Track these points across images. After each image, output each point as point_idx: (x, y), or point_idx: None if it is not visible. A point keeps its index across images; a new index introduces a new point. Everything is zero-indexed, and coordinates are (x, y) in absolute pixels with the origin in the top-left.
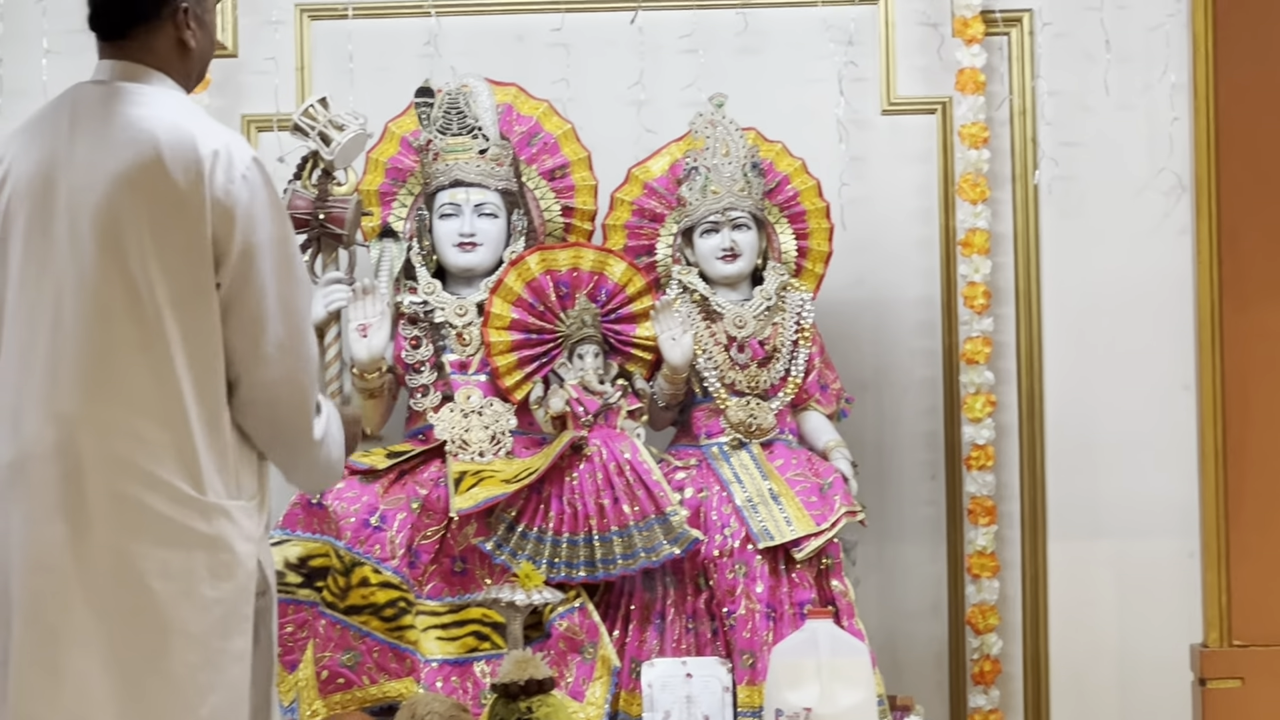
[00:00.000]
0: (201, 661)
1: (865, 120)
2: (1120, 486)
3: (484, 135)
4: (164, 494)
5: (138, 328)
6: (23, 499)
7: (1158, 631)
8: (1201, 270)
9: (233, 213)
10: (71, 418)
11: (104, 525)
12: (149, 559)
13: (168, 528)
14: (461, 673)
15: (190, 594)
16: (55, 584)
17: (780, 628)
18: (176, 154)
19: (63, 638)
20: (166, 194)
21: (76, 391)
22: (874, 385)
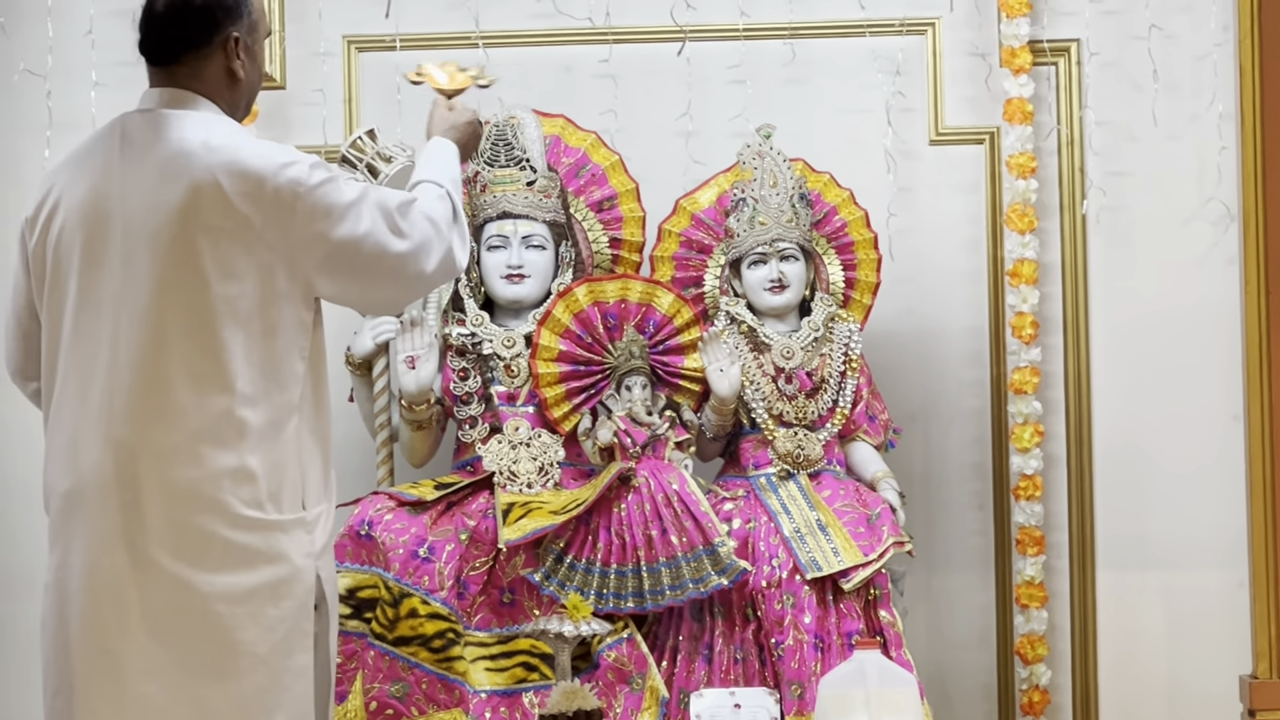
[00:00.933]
0: (269, 682)
1: (913, 150)
2: (1169, 517)
3: (531, 167)
4: (224, 518)
5: (196, 351)
6: (82, 528)
7: (1207, 663)
8: (1249, 300)
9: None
10: (130, 445)
11: (165, 552)
12: (212, 584)
13: (229, 551)
14: (510, 704)
15: (255, 616)
16: (116, 610)
17: (828, 658)
18: (235, 179)
19: (125, 665)
20: (224, 217)
21: (134, 419)
22: (922, 416)
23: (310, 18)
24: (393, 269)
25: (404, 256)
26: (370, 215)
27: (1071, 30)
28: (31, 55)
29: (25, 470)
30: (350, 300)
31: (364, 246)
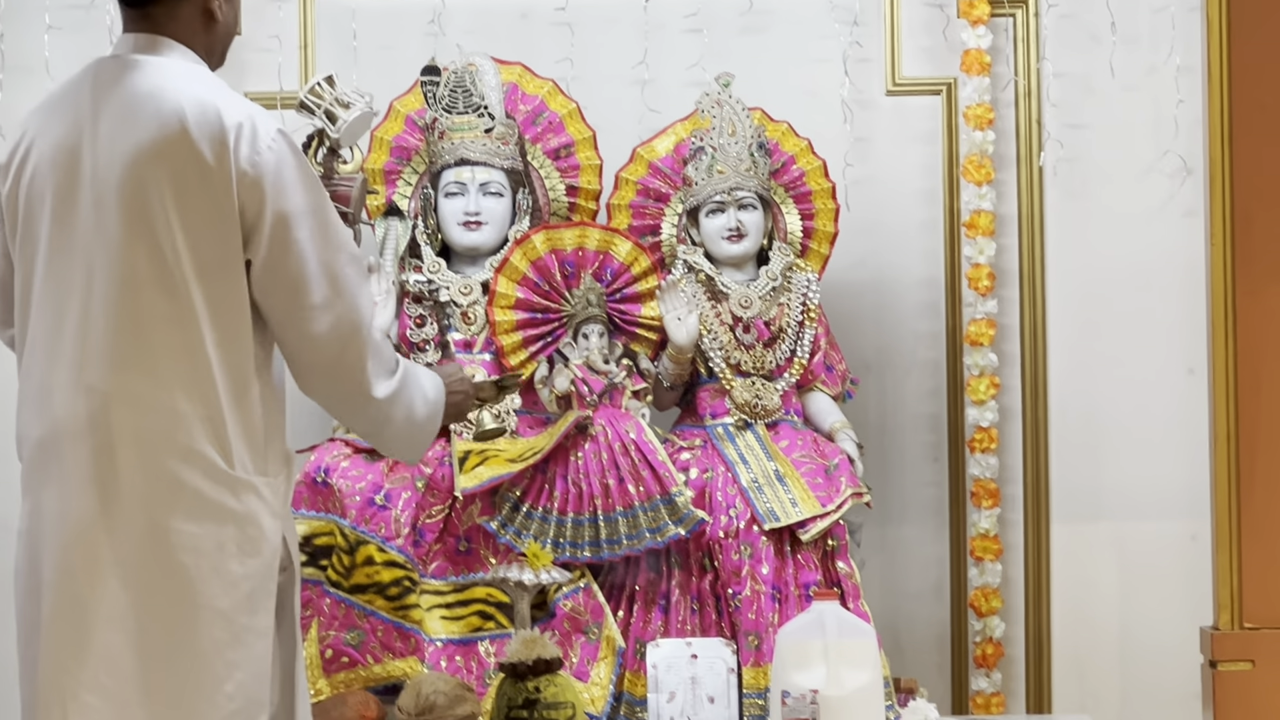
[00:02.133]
0: (228, 638)
1: (870, 101)
2: (1123, 470)
3: (489, 114)
4: (197, 468)
5: (166, 300)
6: (55, 475)
7: (1159, 615)
8: (1215, 253)
9: (261, 184)
10: (103, 392)
11: (136, 500)
12: (180, 534)
13: (199, 503)
14: (466, 652)
15: (219, 570)
16: (86, 559)
17: (786, 609)
18: (201, 126)
19: (92, 612)
20: (192, 166)
21: (107, 365)
22: (877, 367)
23: None
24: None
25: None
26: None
27: None
28: None
29: None
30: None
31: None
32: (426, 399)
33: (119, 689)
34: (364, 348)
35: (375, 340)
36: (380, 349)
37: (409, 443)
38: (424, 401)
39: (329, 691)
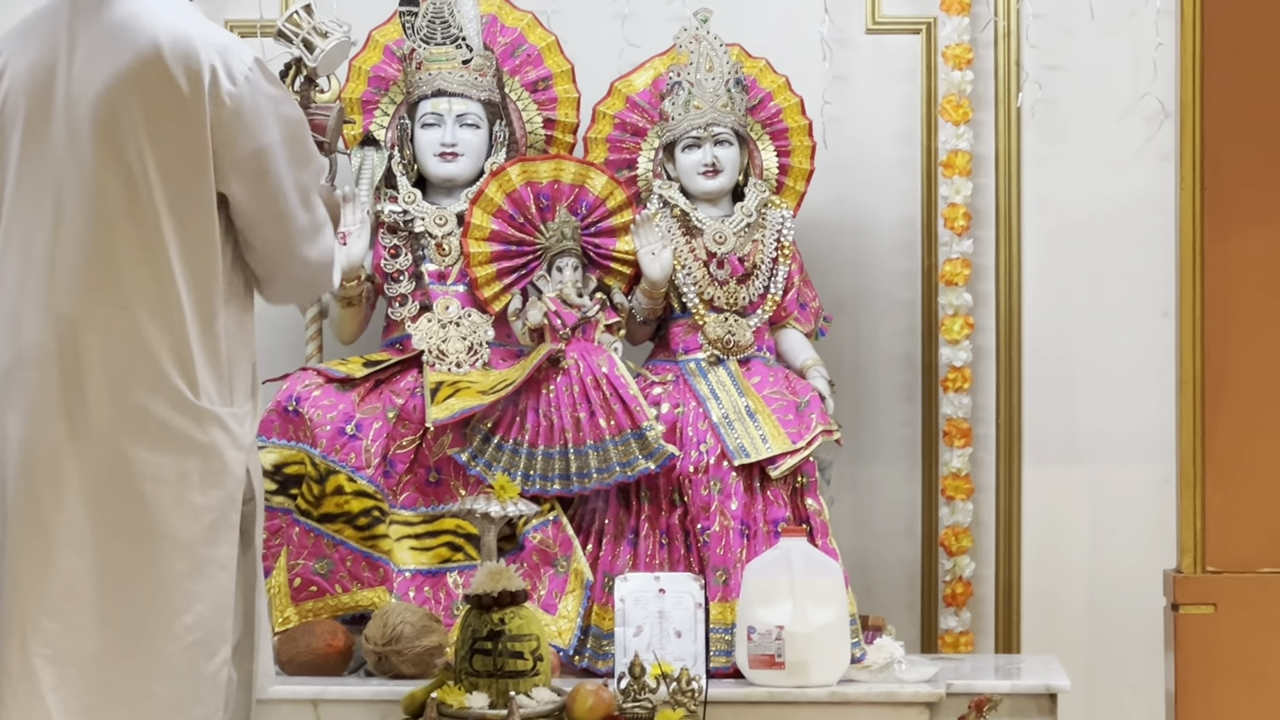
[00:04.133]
0: (189, 569)
1: (849, 39)
2: (1097, 411)
3: (468, 45)
4: (164, 397)
5: (137, 228)
6: (21, 400)
7: (1130, 557)
8: (1184, 196)
9: (238, 116)
10: (72, 318)
11: (103, 427)
12: (144, 463)
13: (164, 432)
14: (434, 583)
15: (181, 501)
16: (51, 484)
17: (754, 545)
18: (177, 55)
19: (55, 538)
20: (166, 95)
21: (77, 292)
22: (852, 305)
23: None
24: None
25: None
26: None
27: None
28: None
29: None
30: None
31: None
32: None
33: (77, 615)
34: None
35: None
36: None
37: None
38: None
39: (297, 620)
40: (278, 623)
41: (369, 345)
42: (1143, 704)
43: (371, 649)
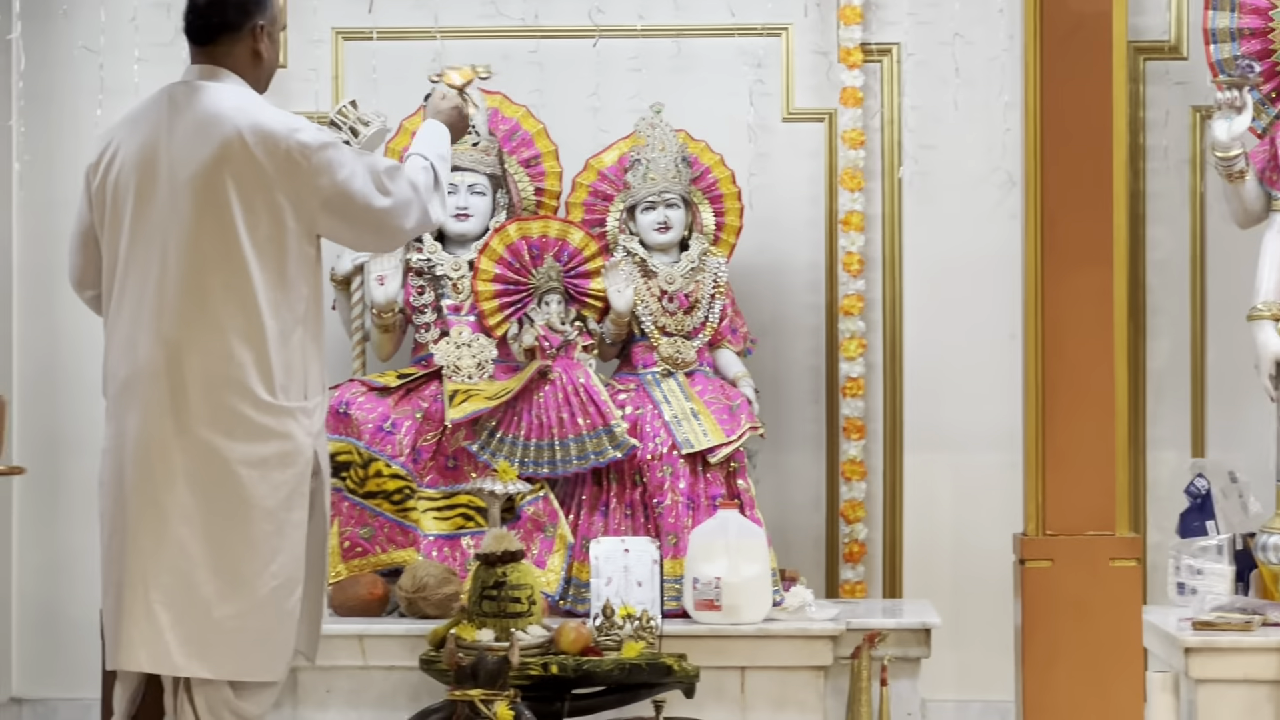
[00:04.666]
0: (273, 529)
1: (770, 126)
2: (959, 411)
3: (476, 131)
4: (248, 400)
5: (227, 270)
6: (136, 406)
7: (985, 524)
8: (1028, 246)
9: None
10: (177, 342)
11: (202, 424)
12: (234, 450)
13: (250, 426)
14: (452, 545)
15: (266, 478)
16: (163, 469)
17: (698, 515)
18: (256, 134)
19: (167, 511)
20: (250, 170)
21: (180, 322)
22: (772, 330)
23: (307, 13)
24: (377, 220)
25: (386, 211)
26: (362, 176)
27: (894, 35)
28: (87, 35)
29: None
30: (345, 241)
31: (355, 199)
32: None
33: (187, 569)
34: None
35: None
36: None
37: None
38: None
39: (346, 574)
40: (331, 576)
41: (401, 362)
42: (996, 637)
43: (403, 596)
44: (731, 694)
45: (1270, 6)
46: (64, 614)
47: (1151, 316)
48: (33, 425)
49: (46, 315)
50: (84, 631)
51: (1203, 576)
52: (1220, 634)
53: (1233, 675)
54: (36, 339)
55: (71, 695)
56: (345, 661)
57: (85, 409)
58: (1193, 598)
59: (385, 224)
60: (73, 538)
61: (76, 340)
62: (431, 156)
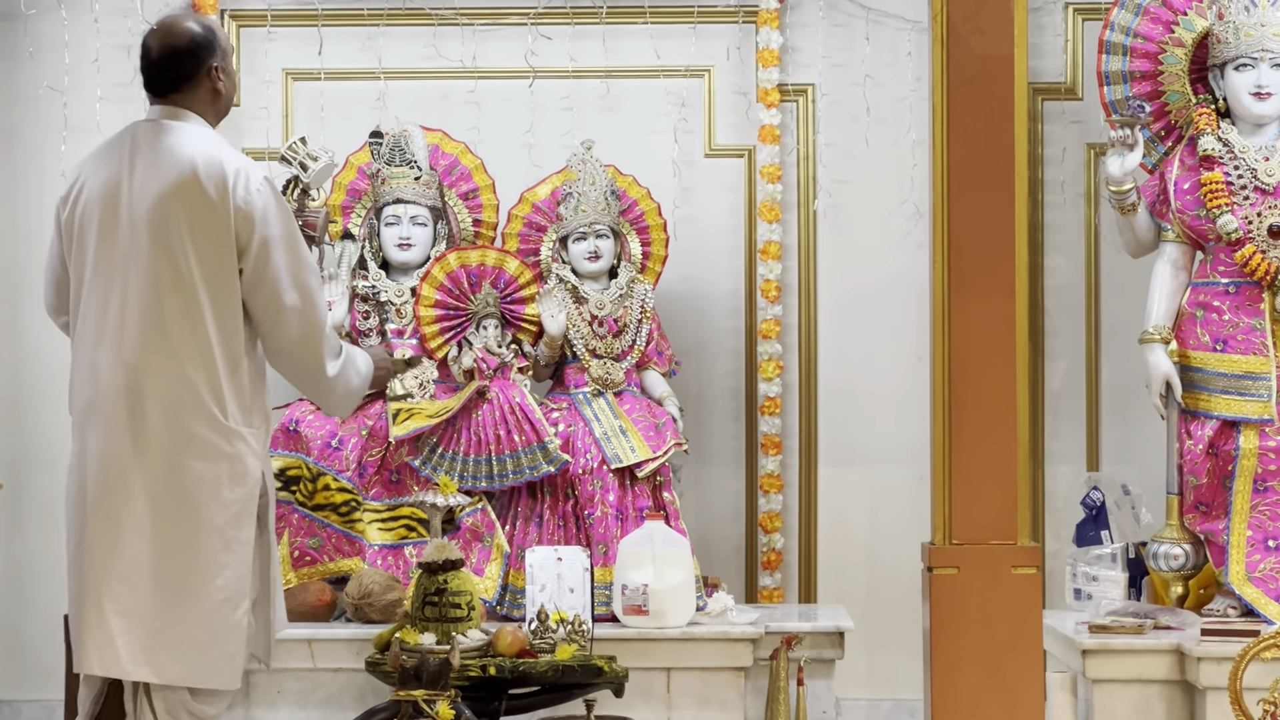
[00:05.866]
0: (220, 545)
1: (693, 161)
2: (871, 429)
3: (418, 166)
4: (202, 421)
5: (181, 299)
6: (98, 426)
7: (894, 534)
8: (935, 274)
9: (251, 216)
10: (136, 366)
11: (159, 444)
12: (189, 469)
13: (203, 446)
14: (396, 554)
15: (216, 496)
16: (120, 485)
17: (626, 526)
18: (209, 173)
19: (123, 524)
20: (201, 202)
21: (139, 346)
22: (695, 353)
23: (258, 55)
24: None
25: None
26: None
27: (809, 77)
28: (51, 76)
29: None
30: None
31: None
32: (359, 373)
33: (139, 580)
34: (320, 340)
35: (328, 333)
36: (330, 339)
37: (345, 404)
38: (357, 375)
39: (296, 581)
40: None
41: None
42: (901, 638)
43: (350, 602)
44: (658, 693)
45: (1159, 51)
46: (29, 620)
47: (1050, 339)
48: (0, 442)
49: (13, 339)
50: (48, 636)
51: (1098, 583)
52: (1115, 637)
53: (1126, 675)
54: (3, 361)
55: (36, 697)
56: (295, 664)
57: (50, 427)
58: (1089, 603)
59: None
60: (38, 548)
61: (42, 362)
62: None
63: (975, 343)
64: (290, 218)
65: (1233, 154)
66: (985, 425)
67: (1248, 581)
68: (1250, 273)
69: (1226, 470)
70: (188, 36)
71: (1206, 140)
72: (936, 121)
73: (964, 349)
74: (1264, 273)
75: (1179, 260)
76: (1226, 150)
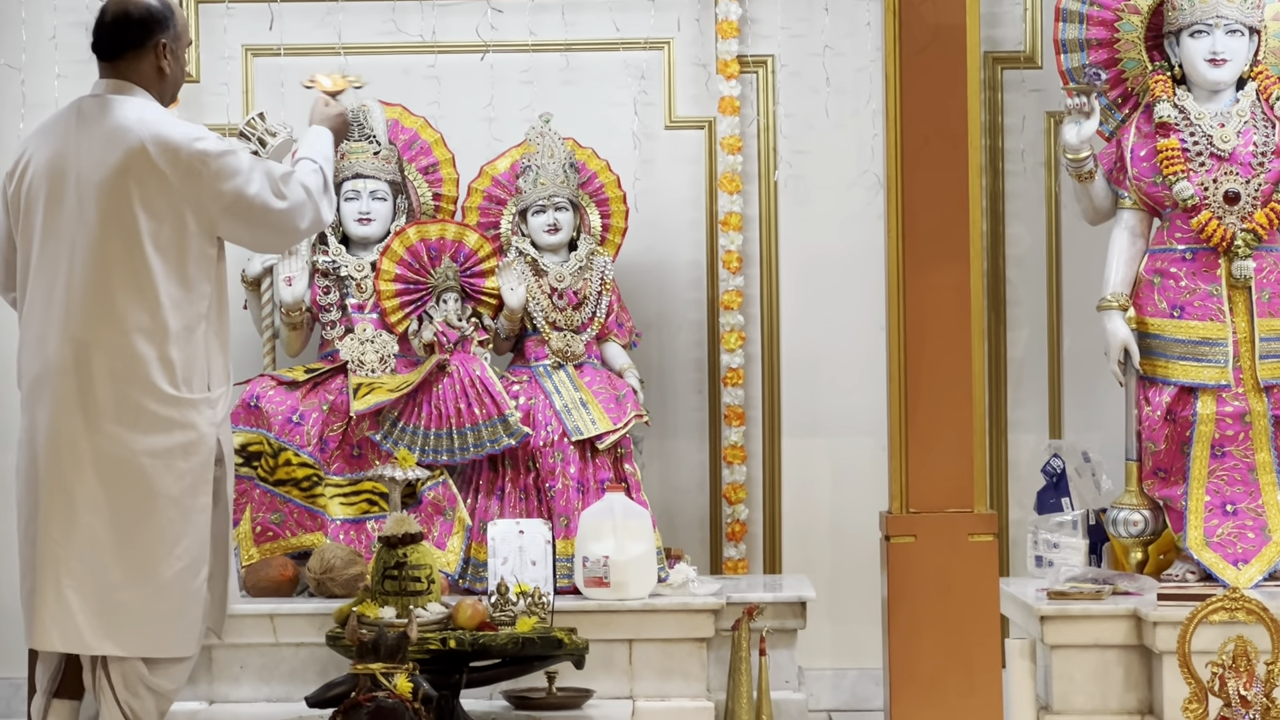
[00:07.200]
0: (178, 515)
1: (653, 133)
2: (833, 398)
3: (377, 141)
4: (152, 394)
5: (130, 272)
6: (47, 401)
7: (857, 504)
8: (891, 244)
9: (215, 180)
10: (84, 340)
11: (109, 418)
12: (140, 443)
13: (154, 419)
14: (357, 529)
15: (170, 467)
16: (72, 461)
17: (587, 498)
18: (159, 148)
19: (77, 500)
20: (153, 179)
21: (87, 321)
22: (657, 324)
23: (218, 32)
24: (274, 222)
25: (282, 213)
26: (259, 181)
27: (768, 48)
28: (9, 53)
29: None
30: (243, 242)
31: (254, 203)
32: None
33: (96, 556)
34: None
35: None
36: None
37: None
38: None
39: (259, 556)
40: (244, 559)
41: (309, 357)
42: (866, 608)
43: (312, 577)
44: (620, 665)
45: (1115, 19)
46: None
47: (1011, 308)
48: None
49: None
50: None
51: (1059, 550)
52: (1073, 603)
53: (1084, 641)
54: None
55: (1, 675)
56: (257, 639)
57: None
58: (1049, 570)
59: (282, 225)
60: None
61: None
62: (319, 159)
63: (931, 311)
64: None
65: (1189, 120)
66: (941, 393)
67: (1206, 546)
68: (1206, 239)
69: (1184, 436)
70: (144, 7)
71: (1162, 107)
72: (890, 90)
73: (919, 318)
74: (1220, 239)
75: (1136, 227)
76: (1182, 117)
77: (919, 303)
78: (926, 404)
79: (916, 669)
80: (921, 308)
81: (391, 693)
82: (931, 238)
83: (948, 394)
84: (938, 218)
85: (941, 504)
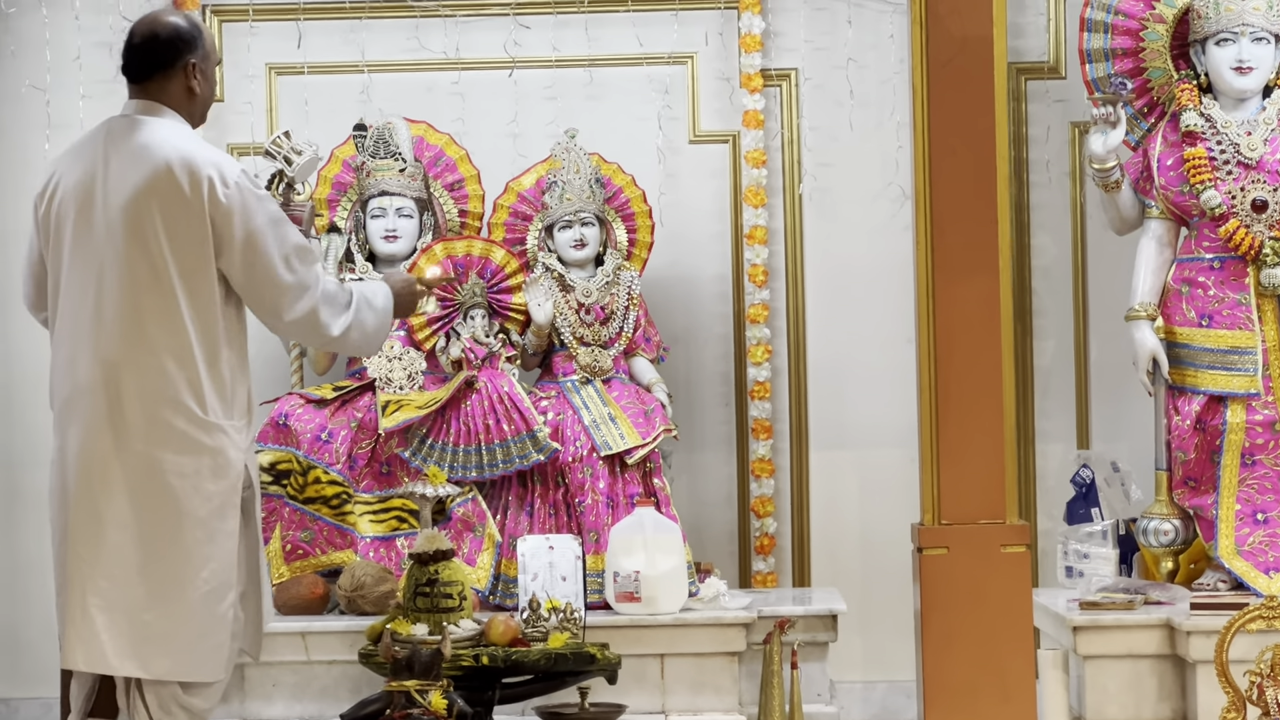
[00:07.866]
0: (204, 537)
1: (678, 148)
2: (861, 412)
3: (403, 158)
4: (181, 415)
5: (157, 294)
6: (78, 421)
7: (886, 515)
8: (919, 256)
9: (231, 213)
10: (114, 361)
11: (139, 438)
12: (169, 463)
13: (183, 440)
14: (387, 546)
15: (198, 489)
16: (102, 481)
17: (616, 513)
18: (184, 170)
19: (105, 519)
20: (177, 199)
21: (116, 341)
22: (684, 338)
23: (241, 50)
24: (273, 286)
25: (283, 284)
26: (275, 241)
27: (792, 61)
28: (34, 74)
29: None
30: (236, 286)
31: (262, 253)
32: (376, 313)
33: (123, 575)
34: (320, 310)
35: (330, 295)
36: (333, 301)
37: (369, 345)
38: (374, 316)
39: (289, 575)
40: (274, 577)
41: (336, 375)
42: (895, 620)
43: (343, 595)
44: (652, 680)
45: (1140, 28)
46: (26, 618)
47: (1037, 319)
48: None
49: (3, 336)
50: (45, 634)
51: (1089, 560)
52: (1105, 613)
53: (1117, 651)
54: None
55: (33, 695)
56: (289, 657)
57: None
58: (1080, 580)
59: (277, 295)
60: (34, 545)
61: (28, 359)
62: (363, 292)
63: (960, 323)
64: (269, 202)
65: (1215, 129)
66: (971, 405)
67: (1237, 555)
68: (1234, 248)
69: (1214, 445)
70: (171, 28)
71: (1189, 116)
72: (917, 103)
73: (949, 330)
74: (1248, 247)
75: (1164, 237)
76: (1209, 125)
77: (949, 315)
78: (957, 416)
79: (950, 681)
80: (951, 320)
81: (426, 710)
82: (960, 250)
83: (978, 405)
84: (966, 230)
85: (974, 515)
